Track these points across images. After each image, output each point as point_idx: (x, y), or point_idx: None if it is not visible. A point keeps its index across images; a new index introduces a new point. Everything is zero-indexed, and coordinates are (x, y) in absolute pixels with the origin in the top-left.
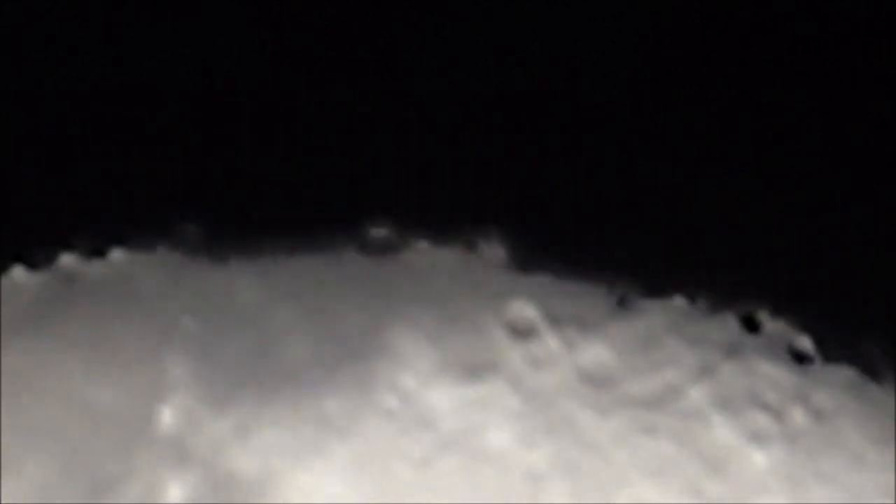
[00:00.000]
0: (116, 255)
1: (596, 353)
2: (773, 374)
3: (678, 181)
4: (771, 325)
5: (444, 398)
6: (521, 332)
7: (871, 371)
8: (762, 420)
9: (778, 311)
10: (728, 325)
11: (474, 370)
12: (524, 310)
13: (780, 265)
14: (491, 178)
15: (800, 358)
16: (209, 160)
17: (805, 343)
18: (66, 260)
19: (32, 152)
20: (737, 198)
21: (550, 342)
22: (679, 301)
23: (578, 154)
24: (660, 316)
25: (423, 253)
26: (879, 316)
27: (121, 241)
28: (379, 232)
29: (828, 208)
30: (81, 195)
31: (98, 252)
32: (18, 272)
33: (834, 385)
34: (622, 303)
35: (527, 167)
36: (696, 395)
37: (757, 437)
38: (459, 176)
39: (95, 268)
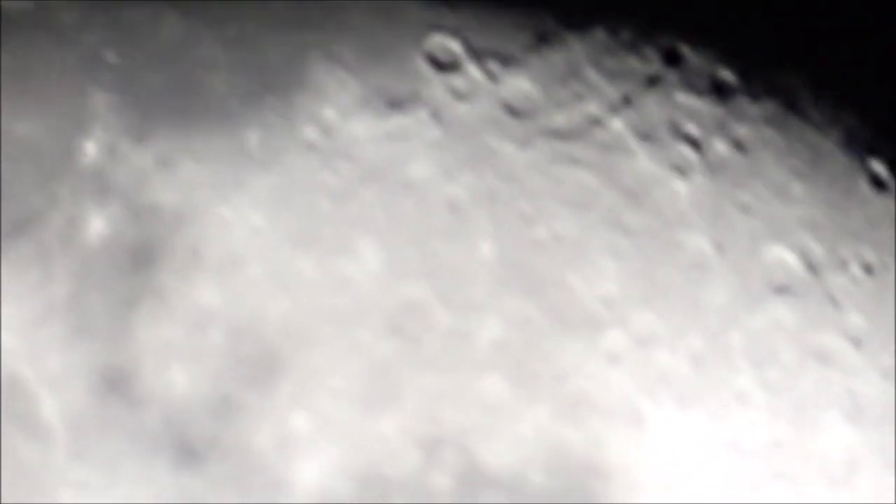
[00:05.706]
0: None
1: (517, 85)
2: (694, 106)
3: None
4: (693, 57)
5: (365, 130)
6: (443, 65)
7: (793, 104)
8: (684, 151)
9: (700, 43)
10: (649, 58)
11: (396, 102)
12: (446, 43)
13: None
14: None
15: (721, 90)
16: None
17: (727, 75)
18: None
19: None
20: None
21: (472, 74)
22: (600, 34)
23: None
24: (581, 48)
25: None
26: (802, 49)
27: None
28: None
29: None
30: None
31: None
32: None
33: (756, 117)
34: (543, 36)
35: None
36: (617, 126)
37: (678, 168)
38: None
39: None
